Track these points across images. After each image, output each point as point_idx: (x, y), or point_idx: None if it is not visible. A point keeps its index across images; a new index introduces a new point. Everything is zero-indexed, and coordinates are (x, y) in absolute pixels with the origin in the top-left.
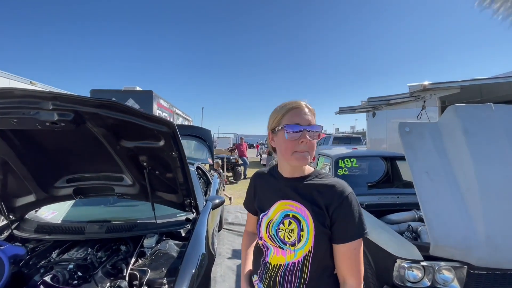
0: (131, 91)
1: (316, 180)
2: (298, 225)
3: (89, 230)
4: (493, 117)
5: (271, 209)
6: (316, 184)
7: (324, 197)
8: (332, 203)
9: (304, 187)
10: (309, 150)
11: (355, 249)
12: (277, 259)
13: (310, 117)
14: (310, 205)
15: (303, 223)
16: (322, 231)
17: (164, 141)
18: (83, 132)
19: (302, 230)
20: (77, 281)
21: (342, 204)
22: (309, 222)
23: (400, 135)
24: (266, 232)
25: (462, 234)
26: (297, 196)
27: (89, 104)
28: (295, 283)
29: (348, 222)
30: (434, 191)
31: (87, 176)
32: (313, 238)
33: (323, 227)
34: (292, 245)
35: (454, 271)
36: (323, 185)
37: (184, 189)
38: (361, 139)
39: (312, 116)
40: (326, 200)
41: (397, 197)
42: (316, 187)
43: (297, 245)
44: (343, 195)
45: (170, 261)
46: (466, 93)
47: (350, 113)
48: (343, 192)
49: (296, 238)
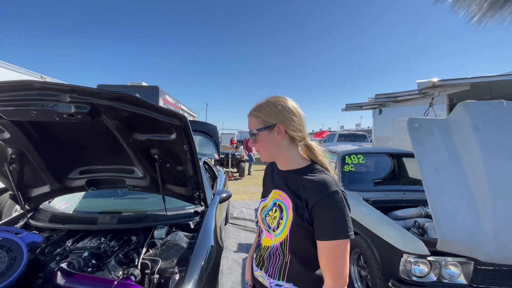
0: (137, 86)
1: (307, 175)
2: (280, 213)
3: (101, 220)
4: (504, 114)
5: (268, 196)
6: (304, 178)
7: (306, 191)
8: (311, 198)
9: (293, 180)
10: (259, 150)
11: (334, 249)
12: (266, 241)
13: (250, 124)
14: (293, 197)
15: (284, 212)
16: (299, 223)
17: (176, 134)
18: (98, 124)
19: (281, 219)
20: (91, 269)
21: (320, 202)
22: (289, 212)
23: (409, 131)
24: (260, 216)
25: (470, 230)
26: (286, 187)
27: (104, 96)
28: (277, 263)
29: (324, 220)
30: (442, 187)
31: (100, 168)
32: (289, 228)
33: (301, 220)
34: (273, 230)
35: (460, 266)
36: (309, 180)
37: (193, 182)
38: (367, 137)
39: (252, 122)
40: (307, 195)
41: (403, 193)
42: (303, 181)
43: (276, 231)
44: (323, 193)
45: (180, 251)
46: (475, 91)
47: (357, 110)
48: (324, 190)
49: (276, 224)
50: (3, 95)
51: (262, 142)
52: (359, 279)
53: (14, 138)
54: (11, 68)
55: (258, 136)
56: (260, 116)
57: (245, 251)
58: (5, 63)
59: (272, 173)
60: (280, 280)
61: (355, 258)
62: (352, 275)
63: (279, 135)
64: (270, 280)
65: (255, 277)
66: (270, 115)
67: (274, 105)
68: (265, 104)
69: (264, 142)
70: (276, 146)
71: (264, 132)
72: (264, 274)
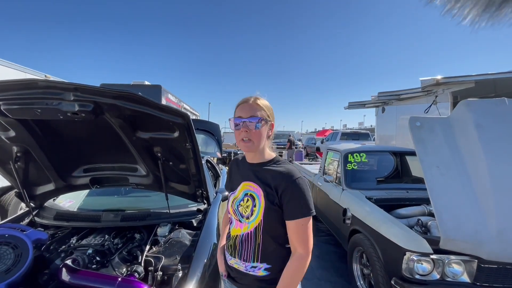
0: (140, 85)
1: (273, 166)
2: (253, 202)
3: (105, 218)
4: (507, 111)
5: (237, 189)
6: (271, 169)
7: (275, 180)
8: (280, 186)
9: (261, 171)
10: (251, 138)
11: (303, 225)
12: (235, 230)
13: (252, 110)
14: (264, 186)
15: (257, 200)
16: (270, 207)
17: (179, 133)
18: (101, 123)
19: (254, 206)
20: (95, 266)
21: (288, 187)
22: (261, 200)
23: (411, 129)
24: (231, 207)
25: (473, 228)
26: (255, 178)
27: (108, 95)
28: (250, 248)
29: (293, 203)
30: (444, 185)
31: (103, 166)
32: (262, 213)
33: (272, 205)
34: (247, 218)
35: (464, 265)
36: (276, 171)
37: (196, 180)
38: (370, 135)
39: (255, 109)
40: (276, 182)
41: (406, 192)
42: (270, 172)
43: (250, 218)
44: (290, 180)
45: (183, 249)
46: (479, 88)
47: (360, 108)
48: (290, 177)
49: (250, 212)
50: (8, 94)
51: (257, 133)
52: (362, 277)
53: (19, 137)
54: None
55: (262, 126)
56: (264, 110)
57: None
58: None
59: (238, 168)
60: (255, 262)
61: (357, 256)
62: (355, 273)
63: (270, 131)
64: (245, 264)
65: (229, 265)
66: (269, 112)
67: (269, 106)
68: (264, 102)
69: (261, 134)
70: (264, 139)
71: (263, 125)
72: (239, 260)
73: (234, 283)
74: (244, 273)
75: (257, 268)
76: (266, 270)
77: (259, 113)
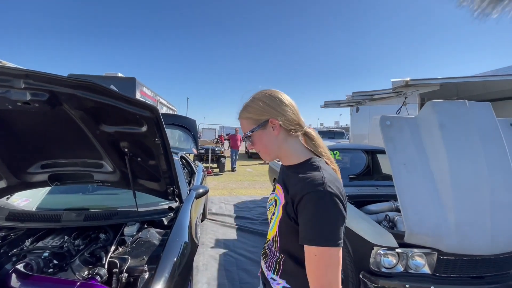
0: (112, 77)
1: (298, 171)
2: (274, 208)
3: (65, 218)
4: (467, 113)
5: (275, 190)
6: (295, 175)
7: (294, 188)
8: (296, 196)
9: (288, 175)
10: (259, 150)
11: (316, 257)
12: (269, 233)
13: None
14: (286, 193)
15: (276, 208)
16: (286, 221)
17: (147, 127)
18: (60, 114)
19: (273, 214)
20: (52, 269)
21: (302, 201)
22: (280, 209)
23: (381, 128)
24: (267, 205)
25: (434, 223)
26: (283, 182)
27: (65, 84)
28: (274, 258)
29: (303, 223)
30: (410, 182)
31: (64, 162)
32: (277, 225)
33: (288, 218)
34: (269, 223)
35: (425, 257)
36: (298, 178)
37: (167, 177)
38: (345, 134)
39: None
40: (294, 191)
41: (376, 188)
42: (293, 178)
43: (270, 224)
44: (303, 192)
45: (152, 249)
46: (443, 91)
47: (335, 106)
48: (306, 188)
49: (270, 218)
50: None
51: (259, 142)
52: None
53: None
54: None
55: (254, 137)
56: (249, 116)
57: (223, 247)
58: None
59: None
60: (275, 274)
61: None
62: None
63: (274, 130)
64: (267, 272)
65: (261, 265)
66: (259, 111)
67: (261, 100)
68: (251, 102)
69: (262, 142)
70: (274, 142)
71: (259, 131)
72: (264, 265)
73: (263, 284)
74: (266, 279)
75: (276, 282)
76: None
77: (248, 125)
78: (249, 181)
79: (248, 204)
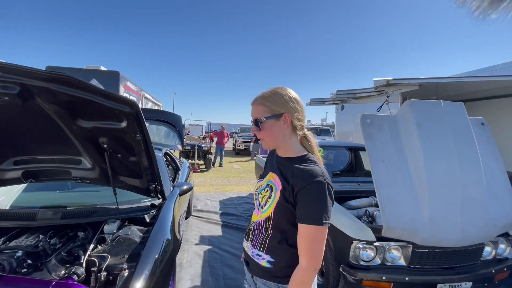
0: (94, 70)
1: (297, 164)
2: (270, 193)
3: (41, 216)
4: (442, 113)
5: (264, 178)
6: (294, 166)
7: (294, 178)
8: (297, 185)
9: (286, 166)
10: (263, 137)
11: (312, 234)
12: (254, 216)
13: (255, 111)
14: (283, 181)
15: (273, 193)
16: (283, 203)
17: (127, 122)
18: (33, 108)
19: (269, 198)
20: (26, 269)
21: (304, 189)
22: (277, 193)
23: (362, 126)
24: (254, 193)
25: (410, 217)
26: (279, 171)
27: (38, 77)
28: (259, 236)
29: (307, 206)
30: (388, 178)
31: (39, 158)
32: (274, 206)
33: (285, 202)
34: (262, 207)
35: (401, 250)
36: (298, 169)
37: (149, 174)
38: (330, 131)
39: (257, 109)
40: (295, 181)
41: (358, 184)
42: (293, 169)
43: (264, 208)
44: (308, 181)
45: (133, 246)
46: (423, 91)
47: (321, 104)
48: (309, 179)
49: (264, 202)
50: None
51: (268, 130)
52: None
53: None
54: None
55: (265, 124)
56: (267, 104)
57: (207, 243)
58: None
59: (272, 158)
60: (261, 251)
61: None
62: None
63: (285, 124)
64: (252, 250)
65: (243, 248)
66: (278, 104)
67: (281, 95)
68: (272, 94)
69: (271, 130)
70: (281, 134)
71: (272, 121)
72: (249, 245)
73: (247, 267)
74: (251, 258)
75: (261, 257)
76: (268, 263)
77: (263, 112)
78: (235, 177)
79: (234, 200)
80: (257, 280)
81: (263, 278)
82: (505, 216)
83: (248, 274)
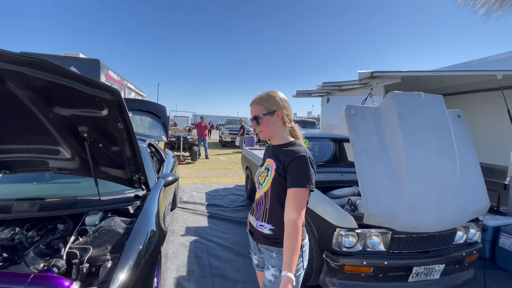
0: (72, 58)
1: (287, 147)
2: (267, 173)
3: (16, 208)
4: (422, 104)
5: (264, 164)
6: (285, 149)
7: (285, 157)
8: (287, 161)
9: (279, 151)
10: (261, 129)
11: (300, 194)
12: (257, 195)
13: (253, 110)
14: (277, 162)
15: (270, 172)
16: (277, 178)
17: (108, 111)
18: (4, 94)
19: (267, 176)
20: (2, 263)
21: (292, 162)
22: (272, 172)
23: (346, 117)
24: (256, 177)
25: (390, 205)
26: (274, 156)
27: (9, 59)
28: (261, 209)
29: (294, 174)
30: (371, 168)
31: (14, 148)
32: (271, 181)
33: (279, 176)
34: (261, 185)
35: (381, 236)
36: (288, 150)
37: (132, 164)
38: (316, 124)
39: (254, 108)
40: (284, 158)
41: (341, 175)
42: (284, 151)
43: (263, 185)
44: (294, 156)
45: (116, 237)
46: (405, 84)
47: (307, 96)
48: (295, 154)
49: (263, 180)
50: None
51: (265, 124)
52: None
53: None
54: None
55: (263, 119)
56: (264, 104)
57: (193, 234)
58: None
59: (269, 149)
60: (263, 221)
61: None
62: None
63: (277, 118)
64: (256, 222)
65: (249, 221)
66: (272, 103)
67: (273, 97)
68: (267, 96)
69: (267, 124)
70: (274, 127)
71: (267, 117)
72: (254, 218)
73: (252, 237)
74: (255, 228)
75: (264, 227)
76: (270, 230)
77: (260, 110)
78: (222, 169)
79: (221, 192)
80: (261, 247)
81: (266, 244)
82: (476, 203)
83: (253, 242)
